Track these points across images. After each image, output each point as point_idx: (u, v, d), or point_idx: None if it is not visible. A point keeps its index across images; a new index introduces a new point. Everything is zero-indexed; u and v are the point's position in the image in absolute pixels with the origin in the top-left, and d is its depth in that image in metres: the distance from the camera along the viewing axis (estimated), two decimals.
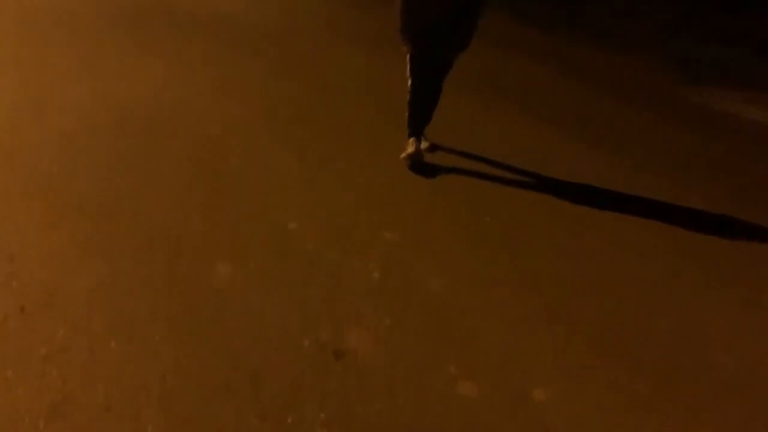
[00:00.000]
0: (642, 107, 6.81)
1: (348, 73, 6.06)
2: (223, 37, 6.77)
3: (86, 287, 2.53)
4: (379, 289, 2.77)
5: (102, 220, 2.97)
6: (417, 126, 4.16)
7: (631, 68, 8.93)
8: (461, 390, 2.27)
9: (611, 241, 3.50)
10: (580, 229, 3.60)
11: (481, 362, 2.42)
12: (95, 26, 6.40)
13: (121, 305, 2.46)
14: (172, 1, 8.06)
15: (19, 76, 4.74)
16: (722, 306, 3.01)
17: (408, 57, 4.00)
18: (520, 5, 12.87)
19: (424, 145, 4.26)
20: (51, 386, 2.06)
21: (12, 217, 2.93)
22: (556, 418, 2.20)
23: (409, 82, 4.08)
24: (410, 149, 4.10)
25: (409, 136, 4.17)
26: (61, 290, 2.50)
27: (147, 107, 4.42)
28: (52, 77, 4.79)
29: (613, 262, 3.28)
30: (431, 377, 2.31)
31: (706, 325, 2.85)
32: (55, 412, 1.97)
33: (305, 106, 5.01)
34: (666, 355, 2.61)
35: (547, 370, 2.43)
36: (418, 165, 4.08)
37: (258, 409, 2.07)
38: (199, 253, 2.83)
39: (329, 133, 4.51)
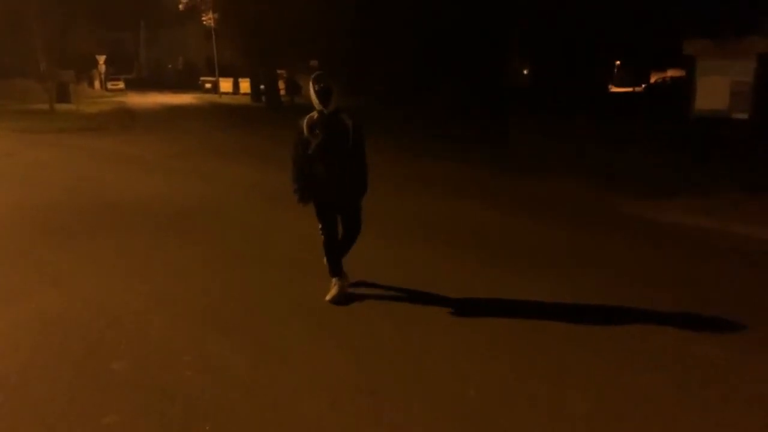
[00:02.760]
0: (584, 228, 6.93)
1: (290, 243, 5.98)
2: (153, 227, 6.69)
3: None
4: None
5: None
6: (336, 264, 4.65)
7: (561, 191, 9.27)
8: None
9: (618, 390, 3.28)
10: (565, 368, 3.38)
11: None
12: (28, 240, 6.17)
13: None
14: (103, 198, 8.05)
15: None
16: None
17: (315, 207, 4.57)
18: (467, 151, 13.64)
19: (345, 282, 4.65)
20: None
21: None
22: None
23: (320, 226, 4.62)
24: (334, 291, 4.58)
25: (332, 275, 4.65)
26: None
27: (87, 326, 4.09)
28: None
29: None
30: None
31: None
32: None
33: (250, 290, 4.83)
34: None
35: None
36: (344, 301, 4.55)
37: None
38: None
39: (279, 319, 4.28)
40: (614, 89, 40.76)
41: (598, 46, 29.73)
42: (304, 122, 4.43)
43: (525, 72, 39.03)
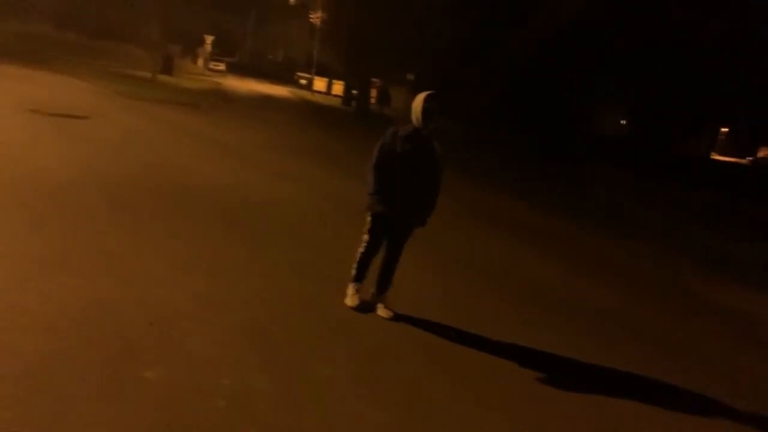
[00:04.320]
0: (669, 310, 6.16)
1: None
2: (219, 219, 6.39)
3: None
4: None
5: None
6: (362, 274, 4.60)
7: (640, 257, 8.45)
8: None
9: None
10: None
11: None
12: (91, 211, 5.99)
13: None
14: (176, 179, 7.89)
15: None
16: None
17: (370, 218, 4.45)
18: (527, 190, 12.97)
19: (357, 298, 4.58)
20: None
21: None
22: None
23: (366, 238, 4.52)
24: (354, 300, 4.57)
25: (355, 280, 4.60)
26: None
27: (127, 321, 3.76)
28: (22, 269, 4.17)
29: None
30: None
31: None
32: None
33: (302, 311, 4.39)
34: None
35: None
36: (364, 309, 4.53)
37: None
38: None
39: (326, 354, 3.80)
40: (716, 157, 38.41)
41: (706, 108, 28.02)
42: (398, 132, 4.34)
43: (623, 122, 37.34)
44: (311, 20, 37.34)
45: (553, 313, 5.46)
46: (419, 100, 4.27)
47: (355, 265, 4.62)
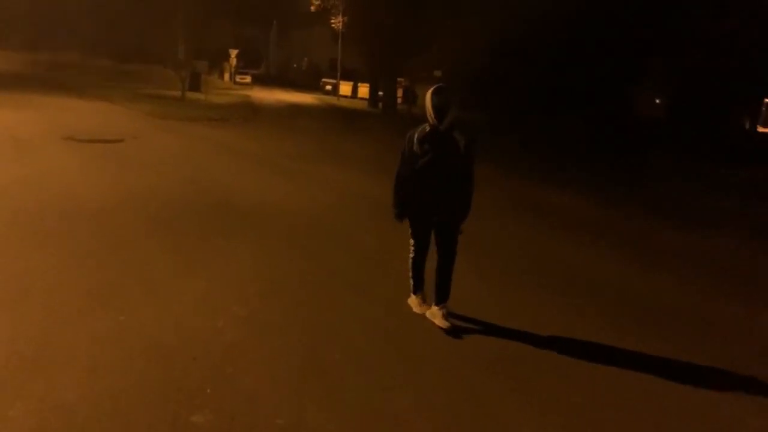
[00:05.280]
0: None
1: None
2: (260, 235, 6.12)
3: None
4: None
5: None
6: (419, 281, 4.49)
7: (713, 250, 7.82)
8: None
9: None
10: None
11: None
12: (131, 235, 5.80)
13: None
14: (213, 196, 7.68)
15: (25, 307, 3.92)
16: None
17: (410, 222, 4.38)
18: (594, 184, 12.36)
19: (437, 312, 4.29)
20: None
21: None
22: None
23: (412, 242, 4.45)
24: (422, 309, 4.41)
25: (414, 291, 4.50)
26: None
27: (172, 356, 3.50)
28: (63, 304, 3.98)
29: None
30: None
31: None
32: None
33: (358, 333, 4.05)
34: None
35: None
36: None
37: None
38: None
39: (388, 381, 3.46)
40: (762, 130, 36.73)
41: (752, 81, 26.68)
42: (415, 135, 4.20)
43: (657, 101, 35.97)
44: (333, 25, 37.22)
45: (628, 317, 5.01)
46: (428, 96, 4.14)
47: (410, 274, 4.51)
